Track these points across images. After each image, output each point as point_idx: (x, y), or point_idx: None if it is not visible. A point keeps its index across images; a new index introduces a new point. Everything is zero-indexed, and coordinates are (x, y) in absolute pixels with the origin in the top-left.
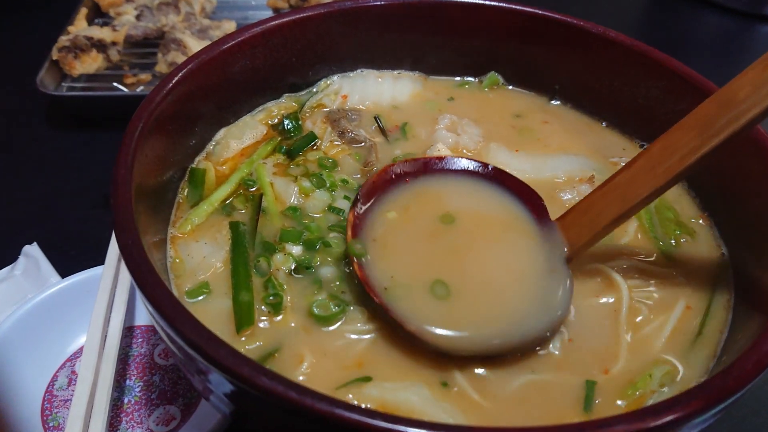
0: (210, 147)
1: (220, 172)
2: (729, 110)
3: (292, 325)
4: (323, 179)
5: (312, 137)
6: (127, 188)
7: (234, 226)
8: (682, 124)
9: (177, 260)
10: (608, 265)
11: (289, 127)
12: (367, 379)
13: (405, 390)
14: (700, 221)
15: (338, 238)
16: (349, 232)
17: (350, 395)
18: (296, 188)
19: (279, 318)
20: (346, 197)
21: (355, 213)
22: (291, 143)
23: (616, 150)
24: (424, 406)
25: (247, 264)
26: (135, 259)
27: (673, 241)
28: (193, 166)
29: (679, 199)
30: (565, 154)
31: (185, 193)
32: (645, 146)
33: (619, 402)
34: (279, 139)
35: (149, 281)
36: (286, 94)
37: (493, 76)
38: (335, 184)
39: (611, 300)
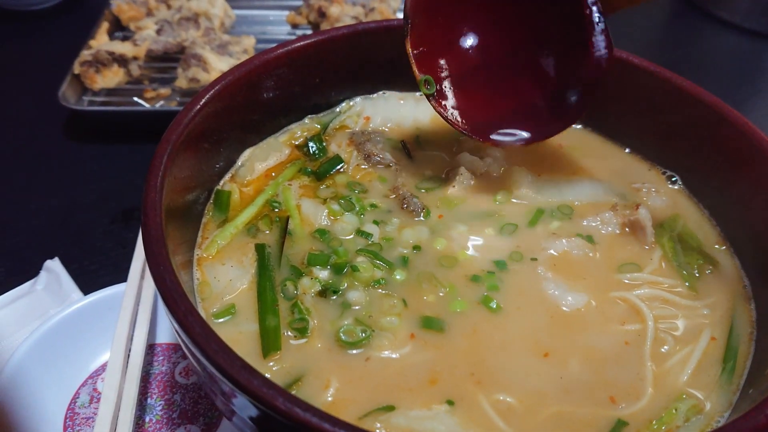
0: (235, 169)
1: (245, 194)
2: None
3: (319, 346)
4: (352, 202)
5: (338, 160)
6: (157, 212)
7: (260, 249)
8: None
9: (203, 282)
10: (633, 294)
11: (314, 149)
12: (391, 408)
13: (432, 419)
14: (723, 247)
15: (366, 263)
16: (415, 68)
17: (378, 424)
18: (325, 211)
19: (305, 341)
20: (375, 222)
21: (412, 41)
22: (316, 165)
23: (638, 176)
24: None
25: (273, 288)
26: (166, 283)
27: (696, 272)
28: (219, 187)
29: (700, 228)
30: (588, 179)
31: (211, 215)
32: (667, 173)
33: None
34: (303, 161)
35: (182, 308)
36: (309, 116)
37: None
38: (364, 208)
39: (635, 328)
